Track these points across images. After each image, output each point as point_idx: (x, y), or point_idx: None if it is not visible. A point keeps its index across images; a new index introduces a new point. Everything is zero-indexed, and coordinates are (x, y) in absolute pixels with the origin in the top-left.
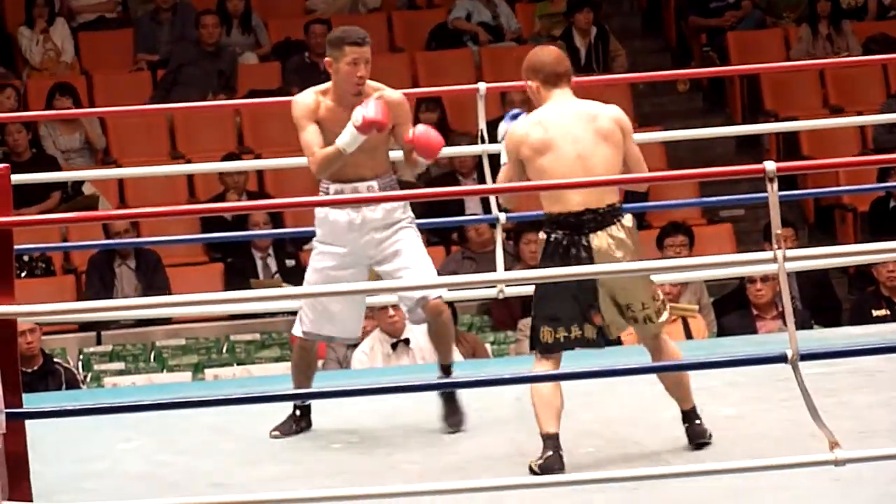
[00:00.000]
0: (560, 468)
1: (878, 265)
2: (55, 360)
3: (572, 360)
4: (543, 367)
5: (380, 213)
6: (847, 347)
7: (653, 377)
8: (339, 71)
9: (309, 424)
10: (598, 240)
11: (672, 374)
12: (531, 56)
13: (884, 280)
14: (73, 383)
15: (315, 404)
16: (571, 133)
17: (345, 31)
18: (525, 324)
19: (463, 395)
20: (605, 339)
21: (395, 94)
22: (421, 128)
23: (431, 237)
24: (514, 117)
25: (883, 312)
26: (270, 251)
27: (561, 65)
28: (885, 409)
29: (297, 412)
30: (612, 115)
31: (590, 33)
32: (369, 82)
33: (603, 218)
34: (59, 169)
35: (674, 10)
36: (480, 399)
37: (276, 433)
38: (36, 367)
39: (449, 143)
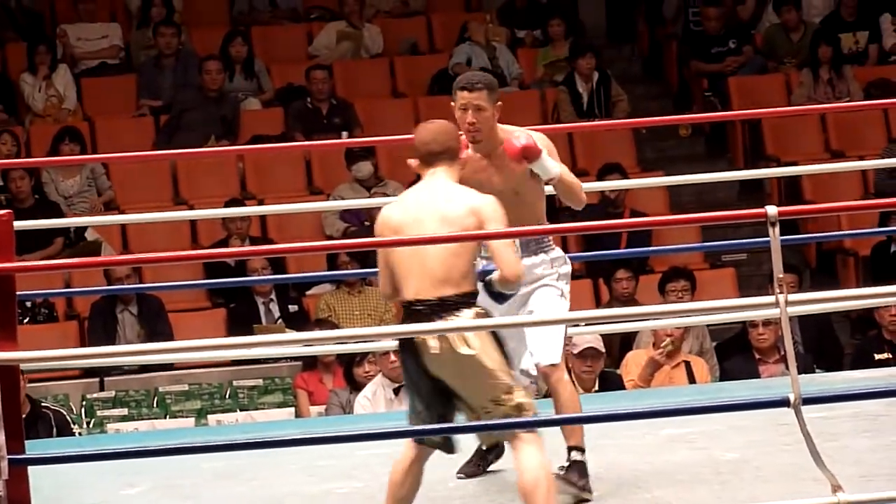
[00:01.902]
0: None
1: (880, 309)
2: (43, 404)
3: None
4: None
5: (524, 262)
6: (849, 391)
7: (659, 422)
8: (457, 117)
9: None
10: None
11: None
12: (415, 132)
13: (886, 324)
14: (64, 426)
15: (318, 449)
16: (418, 219)
17: (460, 77)
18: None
19: (467, 439)
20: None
21: (537, 135)
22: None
23: None
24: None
25: (885, 356)
26: (273, 296)
27: (437, 143)
28: (887, 453)
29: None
30: (471, 204)
31: (592, 79)
32: (508, 127)
33: (430, 310)
34: (61, 215)
35: (675, 55)
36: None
37: (462, 475)
38: (24, 415)
39: None
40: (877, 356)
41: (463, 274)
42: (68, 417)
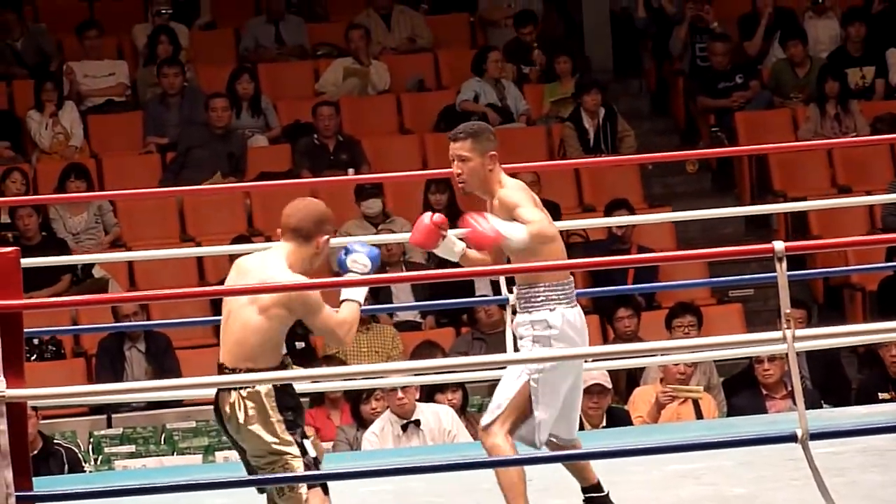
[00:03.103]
0: None
1: (883, 348)
2: (55, 441)
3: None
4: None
5: (516, 321)
6: (857, 427)
7: (668, 457)
8: None
9: None
10: (223, 398)
11: None
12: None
13: (888, 364)
14: (75, 464)
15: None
16: (239, 282)
17: None
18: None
19: (473, 475)
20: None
21: (506, 193)
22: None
23: (441, 318)
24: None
25: (888, 396)
26: None
27: (294, 219)
28: (895, 489)
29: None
30: (280, 294)
31: (598, 114)
32: (508, 180)
33: (223, 374)
34: (68, 252)
35: (682, 91)
36: (491, 479)
37: None
38: (36, 451)
39: (458, 225)
40: (880, 395)
41: (251, 350)
42: (80, 454)
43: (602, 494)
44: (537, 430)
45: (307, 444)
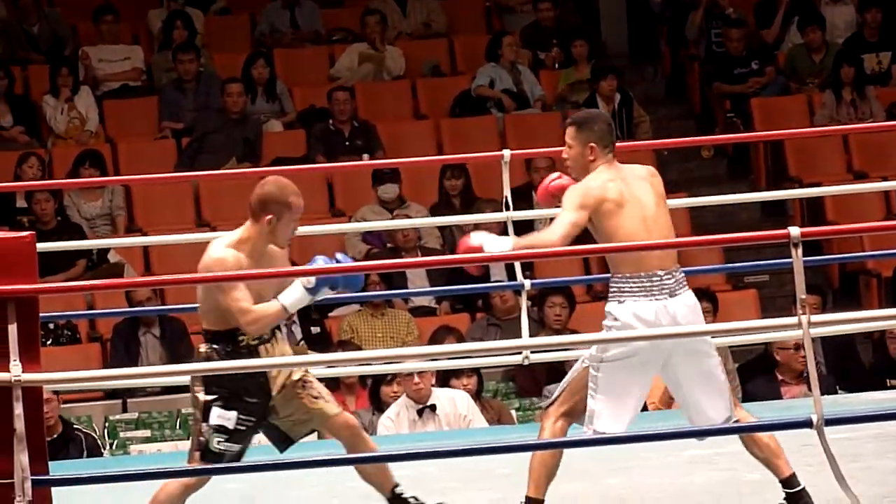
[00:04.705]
0: None
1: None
2: (75, 426)
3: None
4: None
5: None
6: (872, 412)
7: (683, 443)
8: None
9: None
10: None
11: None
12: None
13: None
14: (94, 449)
15: (340, 471)
16: None
17: None
18: (550, 389)
19: (488, 461)
20: None
21: (569, 190)
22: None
23: (456, 304)
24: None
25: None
26: (295, 318)
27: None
28: None
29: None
30: (203, 262)
31: (614, 100)
32: (596, 174)
33: None
34: (84, 237)
35: (698, 76)
36: (506, 465)
37: None
38: (55, 436)
39: (473, 210)
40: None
41: (206, 314)
42: (100, 441)
43: (797, 489)
44: (588, 417)
45: (216, 411)
